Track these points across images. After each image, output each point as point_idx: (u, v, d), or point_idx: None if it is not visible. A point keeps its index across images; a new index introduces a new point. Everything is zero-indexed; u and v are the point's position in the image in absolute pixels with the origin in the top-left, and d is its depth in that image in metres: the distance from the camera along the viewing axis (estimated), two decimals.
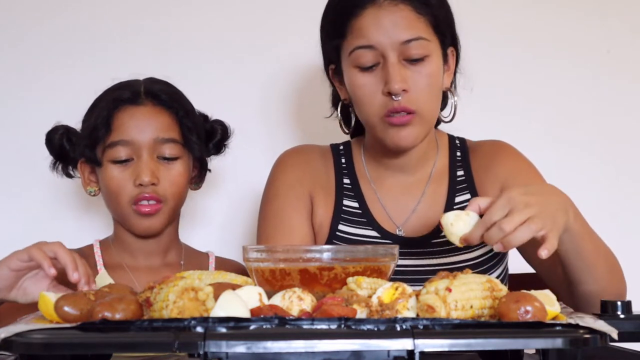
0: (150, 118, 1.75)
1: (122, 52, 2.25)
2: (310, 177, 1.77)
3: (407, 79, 1.61)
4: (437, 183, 1.75)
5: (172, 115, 1.77)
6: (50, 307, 1.12)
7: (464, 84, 1.77)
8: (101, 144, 1.74)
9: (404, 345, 1.00)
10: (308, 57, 1.87)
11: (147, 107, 1.76)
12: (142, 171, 1.71)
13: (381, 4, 1.61)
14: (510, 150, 1.78)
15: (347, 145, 1.83)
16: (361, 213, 1.73)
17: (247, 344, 0.99)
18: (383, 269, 1.26)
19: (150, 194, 1.72)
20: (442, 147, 1.78)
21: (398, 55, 1.61)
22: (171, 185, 1.75)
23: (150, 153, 1.73)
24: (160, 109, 1.77)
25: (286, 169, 1.78)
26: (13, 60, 2.25)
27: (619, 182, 2.32)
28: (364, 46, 1.61)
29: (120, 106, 1.75)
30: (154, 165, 1.73)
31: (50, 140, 1.80)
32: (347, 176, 1.78)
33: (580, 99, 2.32)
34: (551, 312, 1.09)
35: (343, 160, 1.80)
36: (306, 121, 2.28)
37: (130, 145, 1.73)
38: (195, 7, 2.29)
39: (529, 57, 2.31)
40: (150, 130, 1.74)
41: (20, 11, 2.26)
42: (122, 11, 2.27)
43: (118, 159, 1.73)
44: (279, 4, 2.29)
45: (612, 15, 2.33)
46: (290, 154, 1.83)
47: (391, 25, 1.60)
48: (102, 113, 1.74)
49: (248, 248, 1.28)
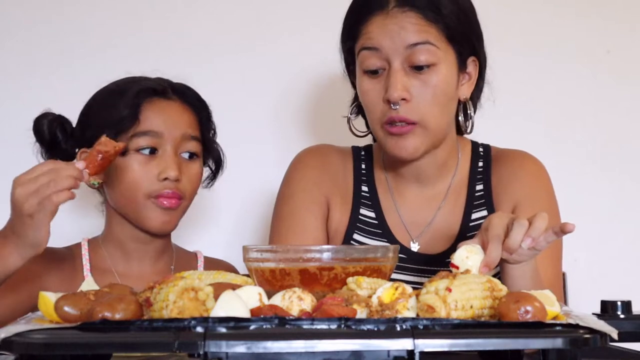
0: (179, 113, 1.74)
1: (121, 52, 2.25)
2: (329, 181, 1.74)
3: (410, 88, 1.58)
4: (455, 197, 1.71)
5: (196, 114, 1.77)
6: (50, 307, 1.12)
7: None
8: (125, 134, 1.69)
9: (404, 345, 1.00)
10: (324, 56, 1.86)
11: (177, 102, 1.75)
12: (169, 166, 1.69)
13: (389, 10, 1.60)
14: (531, 166, 1.72)
15: (368, 150, 1.79)
16: (377, 224, 1.70)
17: (247, 344, 0.99)
18: (383, 269, 1.26)
19: (173, 190, 1.70)
20: (464, 157, 1.74)
21: (403, 61, 1.58)
22: (190, 183, 1.74)
23: (175, 148, 1.71)
24: (187, 106, 1.76)
25: (304, 169, 1.75)
26: (11, 60, 2.25)
27: (619, 182, 2.32)
28: (369, 47, 1.60)
29: (150, 97, 1.72)
30: (179, 161, 1.72)
31: (39, 128, 1.72)
32: (366, 183, 1.74)
33: (580, 99, 2.32)
34: (551, 312, 1.09)
35: (363, 166, 1.76)
36: (321, 121, 2.28)
37: (159, 138, 1.70)
38: (208, 5, 2.29)
39: (528, 57, 2.31)
40: (179, 125, 1.73)
41: (18, 12, 2.26)
42: (124, 11, 2.27)
43: (144, 148, 1.69)
44: (297, 4, 2.29)
45: (612, 15, 2.33)
46: (309, 153, 1.79)
47: (398, 29, 1.58)
48: (130, 102, 1.70)
49: (248, 248, 1.28)
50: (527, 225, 1.31)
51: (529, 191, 1.68)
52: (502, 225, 1.33)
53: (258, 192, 2.24)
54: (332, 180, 1.74)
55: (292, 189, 1.74)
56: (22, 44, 2.26)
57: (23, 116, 2.04)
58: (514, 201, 1.67)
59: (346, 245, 1.68)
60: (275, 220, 1.72)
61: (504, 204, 1.68)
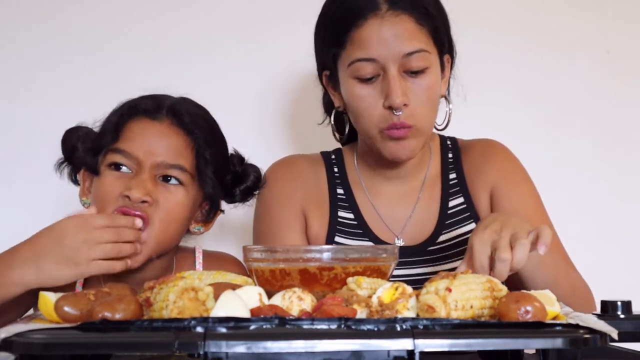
0: (162, 138, 1.57)
1: (113, 54, 2.24)
2: (302, 191, 1.74)
3: (407, 92, 1.58)
4: (431, 188, 1.74)
5: (188, 140, 1.59)
6: (50, 307, 1.12)
7: (457, 91, 1.75)
8: (103, 151, 1.57)
9: (404, 345, 1.00)
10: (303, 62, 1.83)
11: (164, 124, 1.58)
12: (136, 185, 1.53)
13: (383, 14, 1.58)
14: (500, 150, 1.77)
15: (338, 154, 1.80)
16: (357, 224, 1.71)
17: (247, 344, 0.99)
18: (383, 269, 1.26)
19: (134, 212, 1.52)
20: (435, 151, 1.77)
21: (399, 68, 1.58)
22: (164, 211, 1.55)
23: (151, 173, 1.55)
24: (177, 130, 1.58)
25: (275, 184, 1.74)
26: (9, 61, 2.25)
27: (619, 182, 2.32)
28: (365, 59, 1.58)
29: (135, 116, 1.59)
30: (152, 185, 1.54)
31: (65, 140, 1.63)
32: (341, 186, 1.75)
33: (580, 99, 2.32)
34: (551, 312, 1.09)
35: (336, 169, 1.77)
36: (301, 126, 2.27)
37: (133, 160, 1.55)
38: (188, 10, 2.28)
39: (529, 57, 2.31)
40: (159, 151, 1.56)
41: (12, 13, 2.26)
42: (116, 13, 2.27)
43: (115, 163, 1.56)
44: (274, 8, 2.28)
45: (612, 15, 2.33)
46: (278, 166, 1.78)
47: (393, 37, 1.57)
48: (113, 119, 1.59)
49: (248, 248, 1.28)
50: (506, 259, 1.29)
51: (504, 173, 1.72)
52: (485, 252, 1.32)
53: None
54: (305, 189, 1.74)
55: (266, 205, 1.74)
56: (20, 43, 2.26)
57: (23, 116, 2.04)
58: (490, 184, 1.71)
59: (346, 245, 1.68)
60: (255, 239, 1.74)
61: (480, 188, 1.71)
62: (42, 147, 1.83)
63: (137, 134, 1.57)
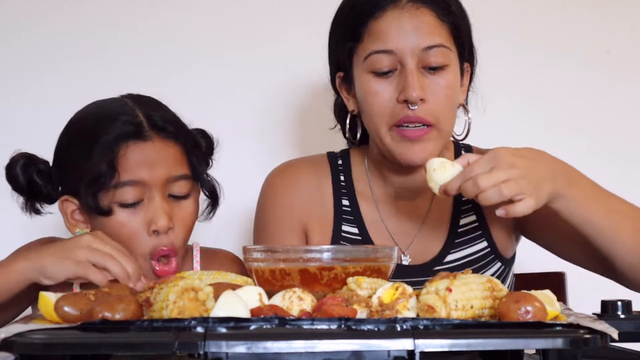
0: (160, 154, 1.54)
1: (109, 55, 2.24)
2: (302, 203, 1.65)
3: (425, 88, 1.52)
4: (442, 203, 1.64)
5: (180, 147, 1.58)
6: (50, 307, 1.12)
7: (476, 104, 1.68)
8: (105, 189, 1.52)
9: (404, 345, 1.00)
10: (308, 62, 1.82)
11: (155, 141, 1.54)
12: (157, 216, 1.52)
13: (403, 6, 1.53)
14: None
15: (346, 158, 1.70)
16: (361, 240, 1.63)
17: (247, 344, 0.99)
18: (383, 269, 1.26)
19: (167, 248, 1.54)
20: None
21: (417, 62, 1.52)
22: (184, 227, 1.57)
23: (162, 194, 1.54)
24: (168, 142, 1.56)
25: (274, 197, 1.67)
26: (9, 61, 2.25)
27: (619, 182, 2.30)
28: (382, 51, 1.52)
29: (125, 142, 1.53)
30: (168, 207, 1.54)
31: (14, 176, 1.58)
32: (346, 197, 1.66)
33: (579, 99, 2.32)
34: (551, 312, 1.09)
35: (342, 177, 1.67)
36: (308, 127, 2.26)
37: (141, 186, 1.53)
38: (190, 11, 2.28)
39: (528, 57, 2.31)
40: (161, 168, 1.54)
41: (12, 12, 2.26)
42: (111, 12, 2.27)
43: (127, 202, 1.52)
44: (281, 9, 2.28)
45: (612, 15, 2.33)
46: (278, 175, 1.69)
47: (412, 30, 1.52)
48: (106, 154, 1.52)
49: (248, 248, 1.28)
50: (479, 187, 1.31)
51: None
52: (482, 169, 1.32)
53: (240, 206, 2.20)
54: (307, 201, 1.66)
55: (265, 219, 1.67)
56: (18, 44, 2.26)
57: (20, 116, 2.03)
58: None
59: (346, 245, 1.66)
60: None
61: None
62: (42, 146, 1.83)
63: (135, 160, 1.53)
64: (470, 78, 1.64)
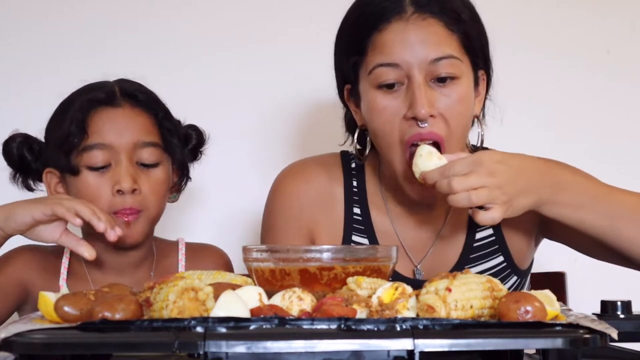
0: (129, 120, 1.63)
1: (109, 54, 2.24)
2: (311, 209, 1.60)
3: (435, 102, 1.44)
4: (458, 215, 1.58)
5: (151, 117, 1.65)
6: (50, 307, 1.12)
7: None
8: (75, 150, 1.61)
9: (404, 345, 1.00)
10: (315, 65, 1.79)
11: (125, 108, 1.64)
12: (121, 177, 1.59)
13: (409, 17, 1.45)
14: None
15: (359, 164, 1.62)
16: None
17: (247, 344, 0.99)
18: (383, 269, 1.26)
19: (130, 206, 1.60)
20: None
21: (425, 76, 1.44)
22: (153, 193, 1.63)
23: (129, 158, 1.61)
24: (138, 110, 1.64)
25: (283, 199, 1.61)
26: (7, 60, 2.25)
27: (619, 182, 2.31)
28: (387, 64, 1.45)
29: (96, 108, 1.62)
30: (134, 171, 1.61)
31: (8, 151, 1.67)
32: (358, 205, 1.60)
33: (579, 99, 2.32)
34: (551, 312, 1.09)
35: (355, 183, 1.61)
36: (308, 127, 2.26)
37: (109, 150, 1.60)
38: (189, 11, 2.28)
39: (528, 57, 2.31)
40: (129, 133, 1.61)
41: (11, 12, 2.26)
42: (111, 12, 2.27)
43: (95, 165, 1.60)
44: (281, 9, 2.28)
45: (612, 15, 2.34)
46: (287, 177, 1.64)
47: (418, 41, 1.44)
48: (76, 116, 1.61)
49: (248, 248, 1.28)
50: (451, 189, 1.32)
51: None
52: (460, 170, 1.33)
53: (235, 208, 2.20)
54: (317, 206, 1.60)
55: (272, 221, 1.63)
56: (18, 44, 2.26)
57: (19, 117, 2.02)
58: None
59: (346, 245, 1.66)
60: None
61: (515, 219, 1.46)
62: None
63: (104, 124, 1.62)
64: (487, 87, 1.57)
